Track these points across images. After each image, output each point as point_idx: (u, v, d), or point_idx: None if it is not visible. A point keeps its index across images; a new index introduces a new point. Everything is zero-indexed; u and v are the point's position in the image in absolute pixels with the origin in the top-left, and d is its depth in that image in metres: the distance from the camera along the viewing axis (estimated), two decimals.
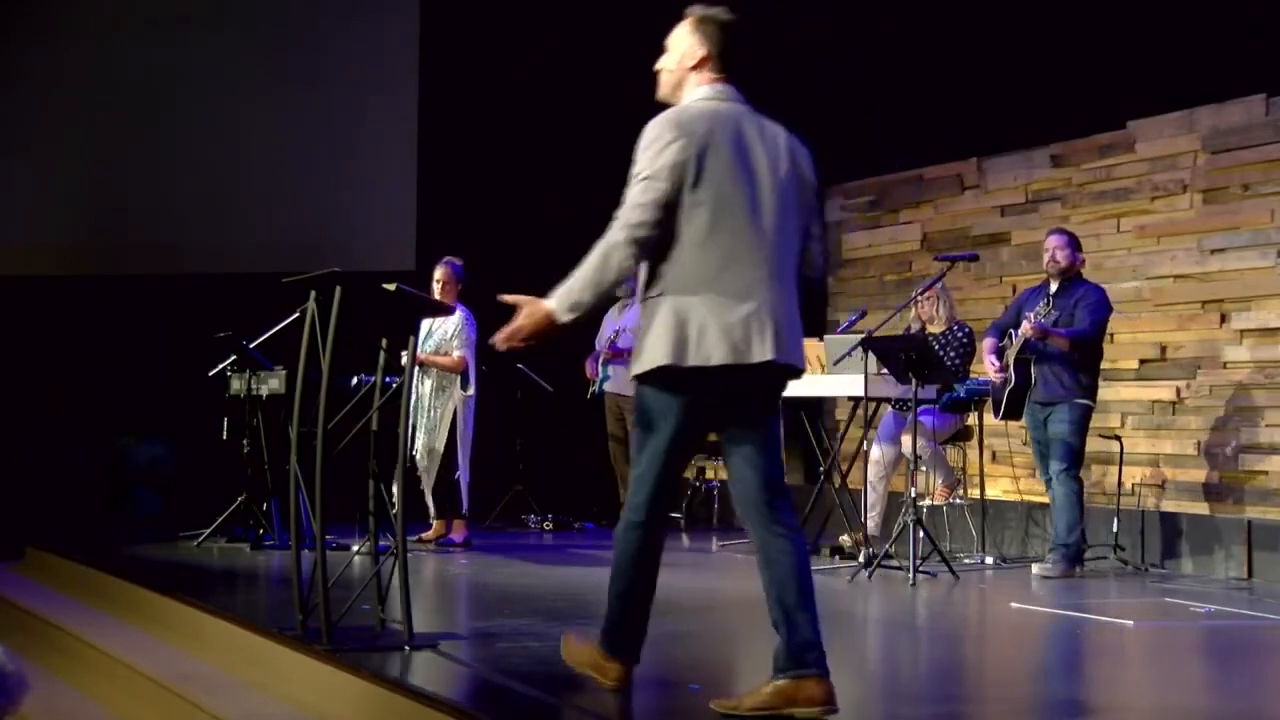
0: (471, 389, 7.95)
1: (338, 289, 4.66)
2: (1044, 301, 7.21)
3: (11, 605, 6.84)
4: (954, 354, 7.74)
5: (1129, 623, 5.63)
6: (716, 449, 10.63)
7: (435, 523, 8.15)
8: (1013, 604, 6.17)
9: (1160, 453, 8.09)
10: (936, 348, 7.45)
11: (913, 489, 6.91)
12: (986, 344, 7.43)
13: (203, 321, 8.28)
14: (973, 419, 7.94)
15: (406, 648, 4.60)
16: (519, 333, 3.73)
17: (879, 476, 7.79)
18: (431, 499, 8.04)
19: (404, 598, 4.67)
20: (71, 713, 5.25)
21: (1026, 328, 7.08)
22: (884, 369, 7.15)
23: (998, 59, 8.57)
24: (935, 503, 7.89)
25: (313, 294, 4.74)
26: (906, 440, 7.40)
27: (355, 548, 6.33)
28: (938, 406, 7.69)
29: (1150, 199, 8.23)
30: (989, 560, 7.62)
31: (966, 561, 7.61)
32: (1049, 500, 7.38)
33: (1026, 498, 8.34)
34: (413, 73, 10.51)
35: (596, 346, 8.91)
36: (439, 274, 7.93)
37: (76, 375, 10.36)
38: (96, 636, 5.72)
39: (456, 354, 7.85)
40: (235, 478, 7.98)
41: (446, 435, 7.90)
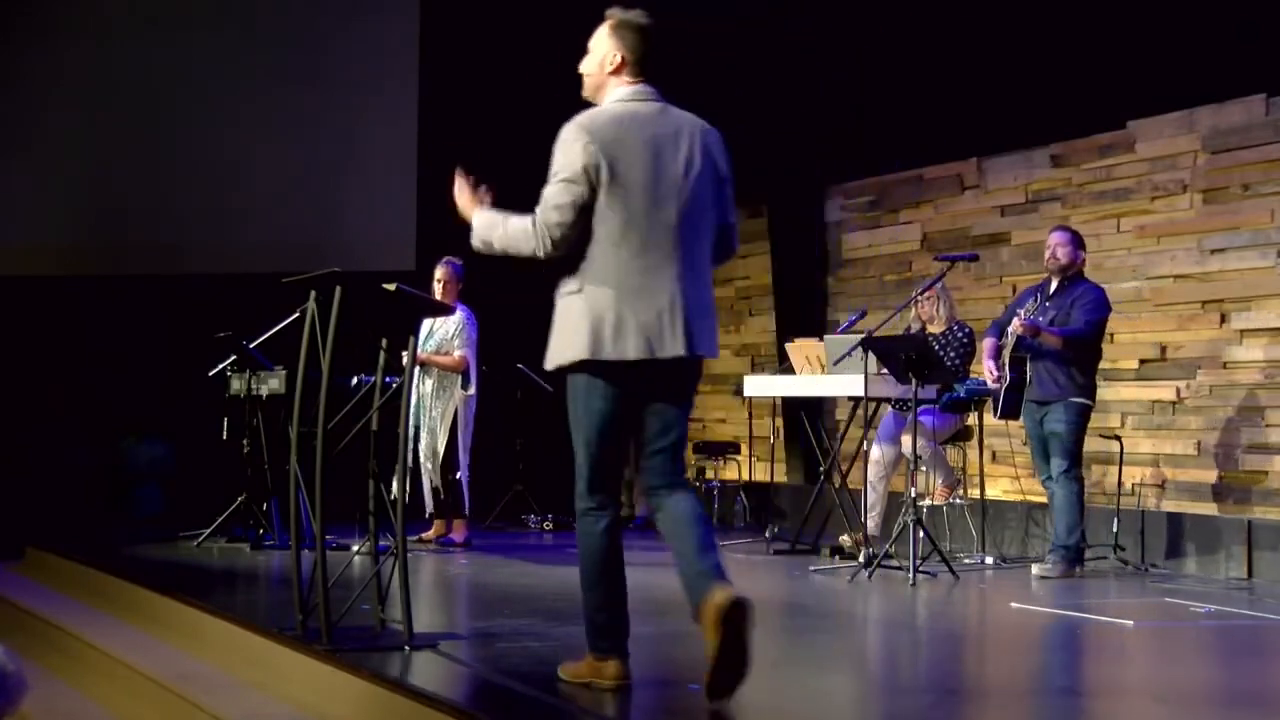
0: (472, 388, 7.95)
1: (338, 289, 4.66)
2: (1034, 299, 7.20)
3: (11, 605, 6.85)
4: (954, 354, 7.74)
5: (1129, 623, 5.63)
6: (716, 449, 10.70)
7: (435, 523, 8.15)
8: (1013, 604, 6.17)
9: (1160, 453, 8.09)
10: (936, 348, 7.45)
11: (913, 489, 6.90)
12: (986, 344, 7.42)
13: (203, 321, 8.28)
14: (973, 419, 7.94)
15: (406, 648, 4.61)
16: (458, 192, 4.28)
17: (879, 476, 7.79)
18: (432, 499, 8.04)
19: (404, 598, 4.67)
20: (71, 713, 5.25)
21: (1016, 325, 7.08)
22: (884, 369, 7.15)
23: (997, 59, 8.56)
24: (935, 503, 7.89)
25: (313, 294, 4.74)
26: (906, 440, 7.40)
27: (355, 548, 6.34)
28: (938, 406, 7.69)
29: (1150, 199, 8.23)
30: (989, 560, 7.62)
31: (966, 561, 7.61)
32: (1047, 500, 7.39)
33: (1026, 498, 8.34)
34: (413, 73, 10.50)
35: None
36: (440, 273, 7.93)
37: (76, 375, 10.36)
38: (96, 636, 5.72)
39: (458, 353, 7.86)
40: (235, 478, 7.98)
41: (448, 435, 7.90)
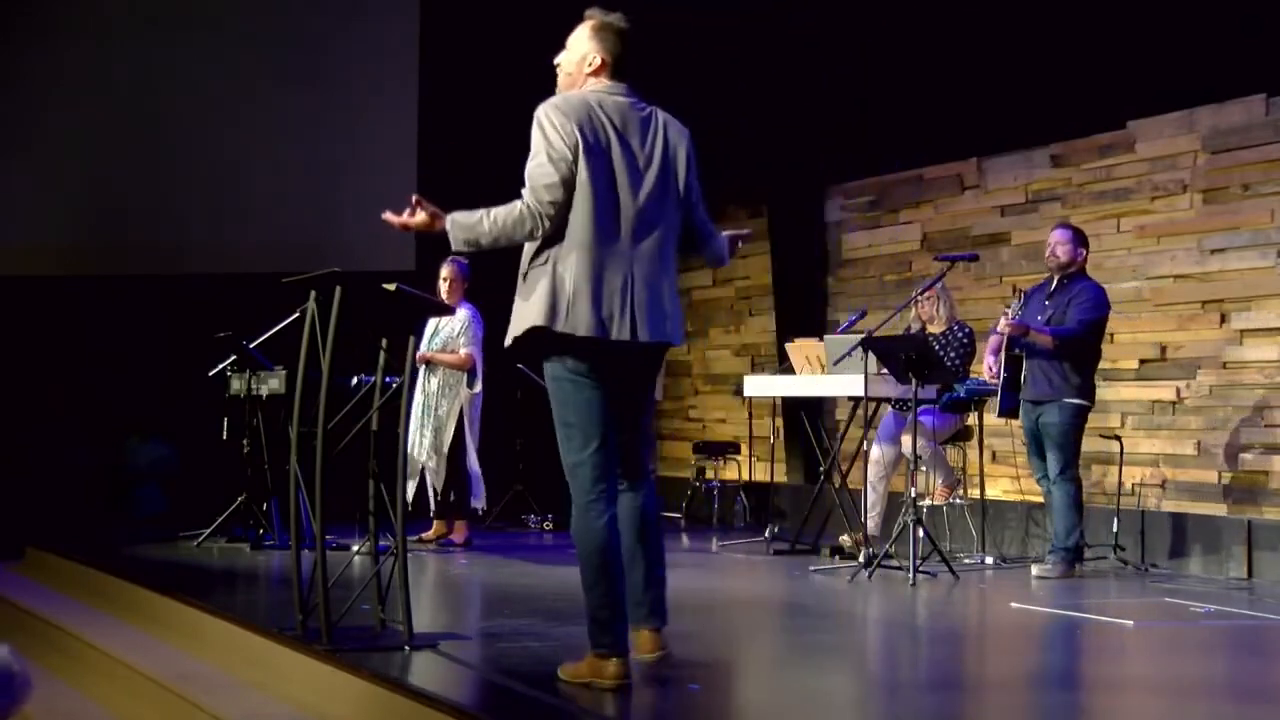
0: (478, 386, 7.93)
1: (338, 289, 4.66)
2: (1017, 301, 7.18)
3: (11, 605, 6.85)
4: (954, 354, 7.74)
5: (1129, 623, 5.63)
6: (716, 449, 10.69)
7: (436, 523, 8.15)
8: (1013, 604, 6.17)
9: (1160, 453, 8.09)
10: (937, 348, 7.45)
11: (913, 489, 6.90)
12: (990, 342, 7.43)
13: (203, 321, 8.28)
14: (973, 419, 7.94)
15: (406, 648, 4.61)
16: (408, 227, 4.23)
17: (879, 476, 7.79)
18: (435, 499, 8.03)
19: (404, 598, 4.67)
20: (71, 713, 5.26)
21: (1004, 324, 7.08)
22: (884, 369, 7.15)
23: (997, 59, 8.56)
24: (935, 503, 7.89)
25: (313, 294, 4.74)
26: (906, 440, 7.40)
27: (355, 548, 6.34)
28: (938, 406, 7.69)
29: (1150, 199, 8.23)
30: (989, 560, 7.62)
31: (966, 561, 7.61)
32: (1044, 500, 7.39)
33: (1026, 498, 8.34)
34: (413, 73, 10.50)
35: None
36: (445, 272, 7.91)
37: (76, 375, 10.36)
38: (96, 636, 5.72)
39: (463, 351, 7.84)
40: (235, 478, 7.98)
41: (453, 434, 7.88)
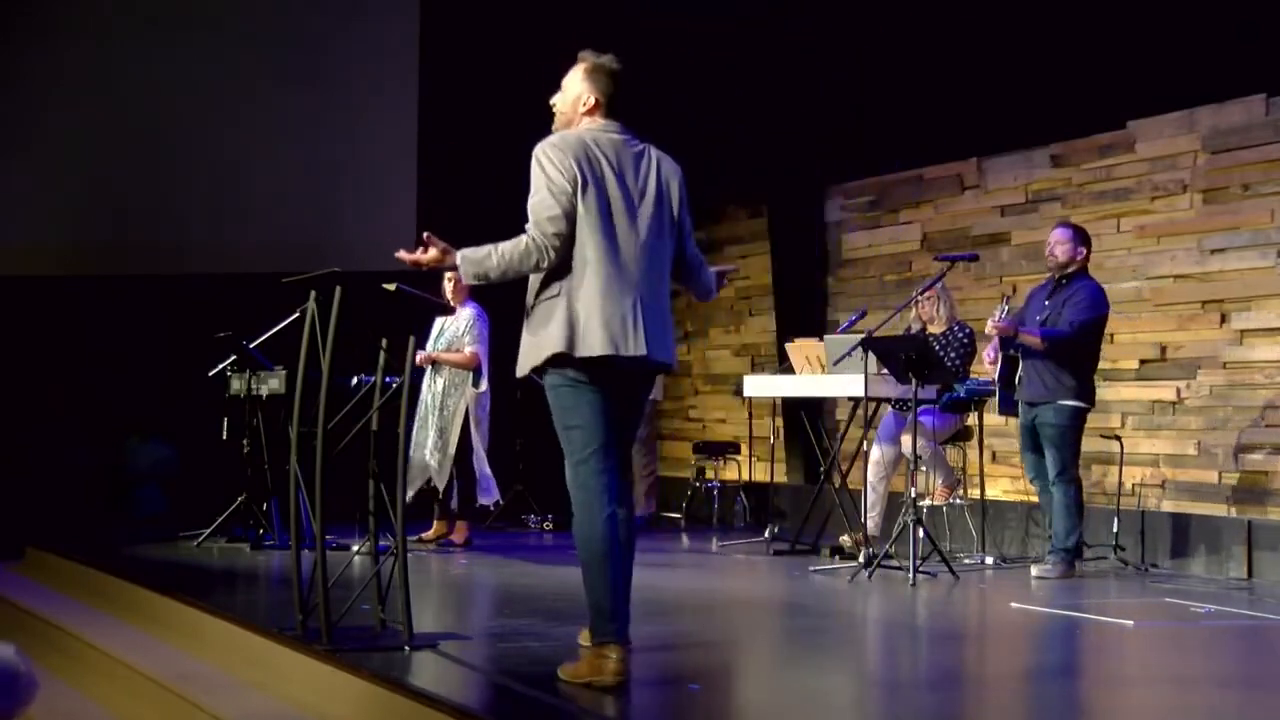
0: (484, 385, 7.91)
1: (338, 289, 4.66)
2: (1002, 307, 7.17)
3: (11, 605, 6.85)
4: (954, 354, 7.74)
5: (1129, 623, 5.63)
6: (716, 449, 10.70)
7: (436, 523, 8.15)
8: (1013, 604, 6.17)
9: (1160, 453, 8.09)
10: (937, 348, 7.46)
11: (913, 489, 6.90)
12: (993, 340, 7.42)
13: (203, 321, 8.27)
14: (973, 419, 7.94)
15: (406, 648, 4.61)
16: (419, 264, 4.32)
17: (879, 476, 7.79)
18: (438, 498, 8.03)
19: (404, 598, 4.67)
20: (71, 713, 5.25)
21: (990, 327, 7.08)
22: (884, 369, 7.15)
23: (997, 59, 8.56)
24: (935, 503, 7.89)
25: (313, 294, 4.74)
26: (906, 440, 7.40)
27: (355, 548, 6.34)
28: (938, 406, 7.69)
29: (1150, 199, 8.23)
30: (989, 560, 7.62)
31: (966, 561, 7.61)
32: (1038, 499, 7.39)
33: (1026, 498, 8.34)
34: (413, 73, 10.50)
35: None
36: (450, 271, 7.89)
37: (76, 375, 10.36)
38: (96, 636, 5.72)
39: (469, 350, 7.83)
40: (235, 478, 7.98)
41: (458, 434, 7.87)
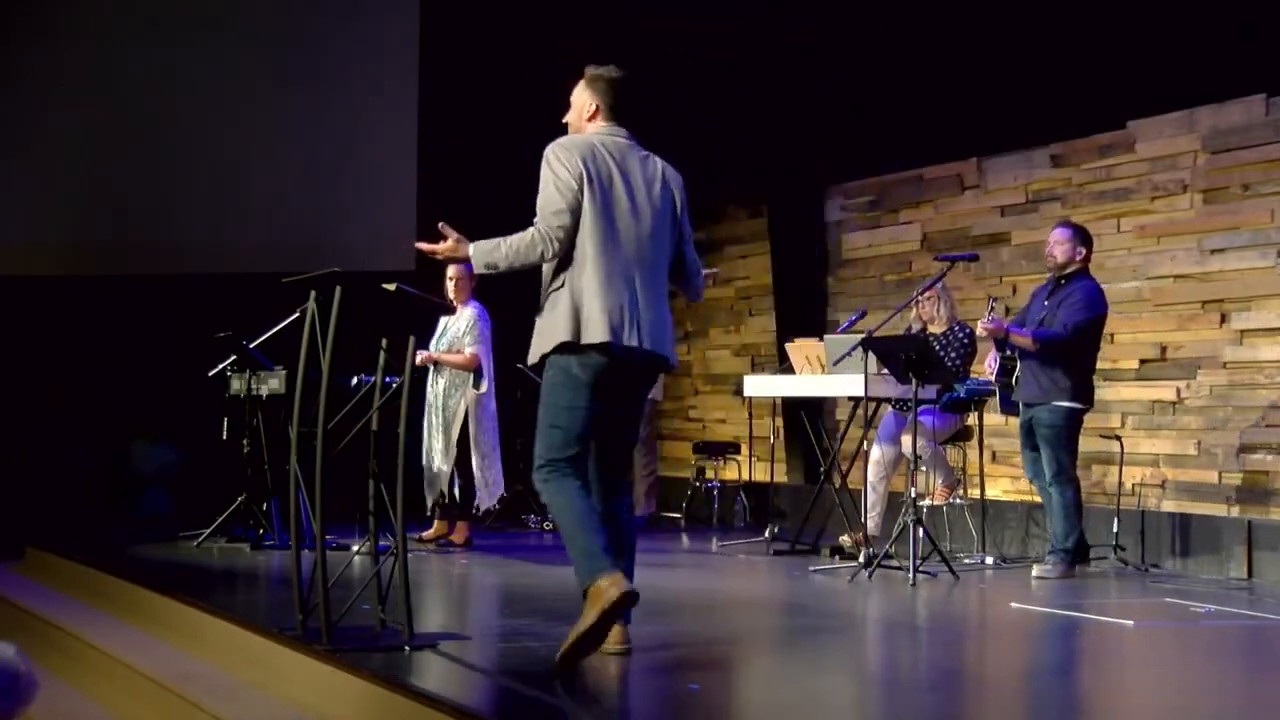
0: (484, 386, 7.89)
1: (338, 289, 4.66)
2: (990, 309, 7.17)
3: (11, 605, 6.85)
4: (954, 354, 7.74)
5: (1129, 623, 5.63)
6: (716, 449, 10.70)
7: (436, 523, 8.14)
8: (1013, 604, 6.17)
9: (1160, 453, 8.09)
10: (937, 348, 7.46)
11: (913, 489, 6.90)
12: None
13: (203, 321, 8.27)
14: (973, 419, 7.94)
15: (406, 648, 4.60)
16: (435, 254, 4.58)
17: (879, 476, 7.80)
18: (441, 498, 8.03)
19: (404, 598, 4.67)
20: (71, 713, 5.25)
21: (981, 328, 7.08)
22: (884, 369, 7.15)
23: (997, 59, 8.56)
24: (935, 503, 7.89)
25: (313, 294, 4.74)
26: (906, 440, 7.40)
27: (355, 548, 6.33)
28: (938, 406, 7.69)
29: (1150, 199, 8.24)
30: (989, 560, 7.62)
31: (966, 561, 7.61)
32: (1040, 499, 7.39)
33: (1026, 498, 8.34)
34: (413, 73, 10.50)
35: None
36: (452, 271, 7.89)
37: (76, 375, 10.36)
38: (96, 636, 5.72)
39: (469, 351, 7.83)
40: (235, 478, 7.98)
41: (458, 435, 7.87)
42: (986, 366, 7.43)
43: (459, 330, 7.89)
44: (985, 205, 9.25)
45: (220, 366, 8.10)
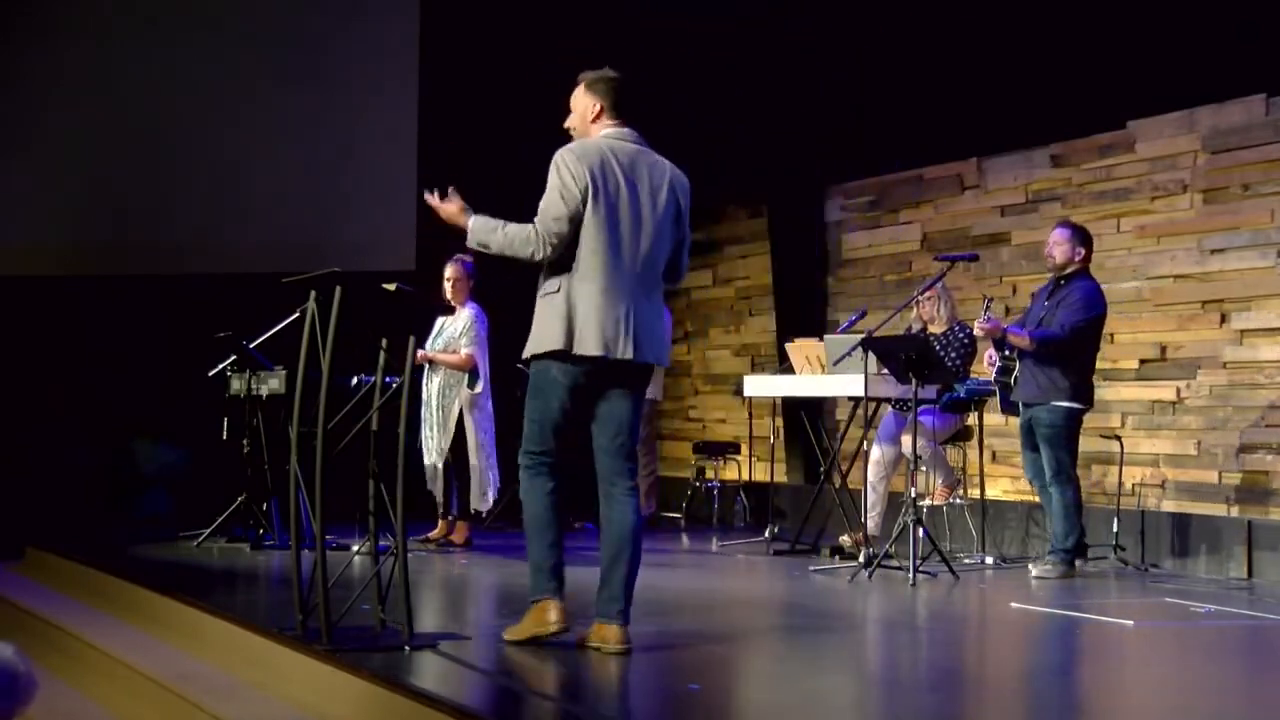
0: (480, 386, 7.90)
1: (338, 289, 4.66)
2: (986, 308, 7.16)
3: (11, 605, 6.85)
4: (955, 354, 7.74)
5: (1129, 623, 5.63)
6: (716, 449, 10.70)
7: (440, 523, 8.15)
8: (1013, 604, 6.17)
9: (1160, 453, 8.09)
10: (937, 348, 7.46)
11: (913, 489, 6.90)
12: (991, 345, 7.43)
13: (203, 321, 8.28)
14: (973, 419, 7.94)
15: (406, 648, 4.60)
16: (437, 214, 4.70)
17: (879, 476, 7.79)
18: (440, 498, 8.03)
19: (404, 598, 4.67)
20: (71, 713, 5.25)
21: (978, 328, 7.07)
22: (884, 369, 7.15)
23: (997, 59, 8.56)
24: (935, 503, 7.89)
25: (313, 294, 4.74)
26: (906, 440, 7.40)
27: (355, 548, 6.33)
28: (938, 406, 7.69)
29: (1150, 199, 8.24)
30: (989, 560, 7.63)
31: (966, 561, 7.61)
32: (1039, 498, 7.39)
33: (1026, 498, 8.34)
34: (413, 73, 10.50)
35: None
36: (450, 272, 7.89)
37: (76, 375, 10.35)
38: (96, 636, 5.72)
39: (464, 351, 7.83)
40: (235, 478, 7.98)
41: (453, 435, 7.87)
42: (986, 363, 7.44)
43: (455, 330, 7.89)
44: (985, 205, 9.25)
45: (220, 366, 8.09)
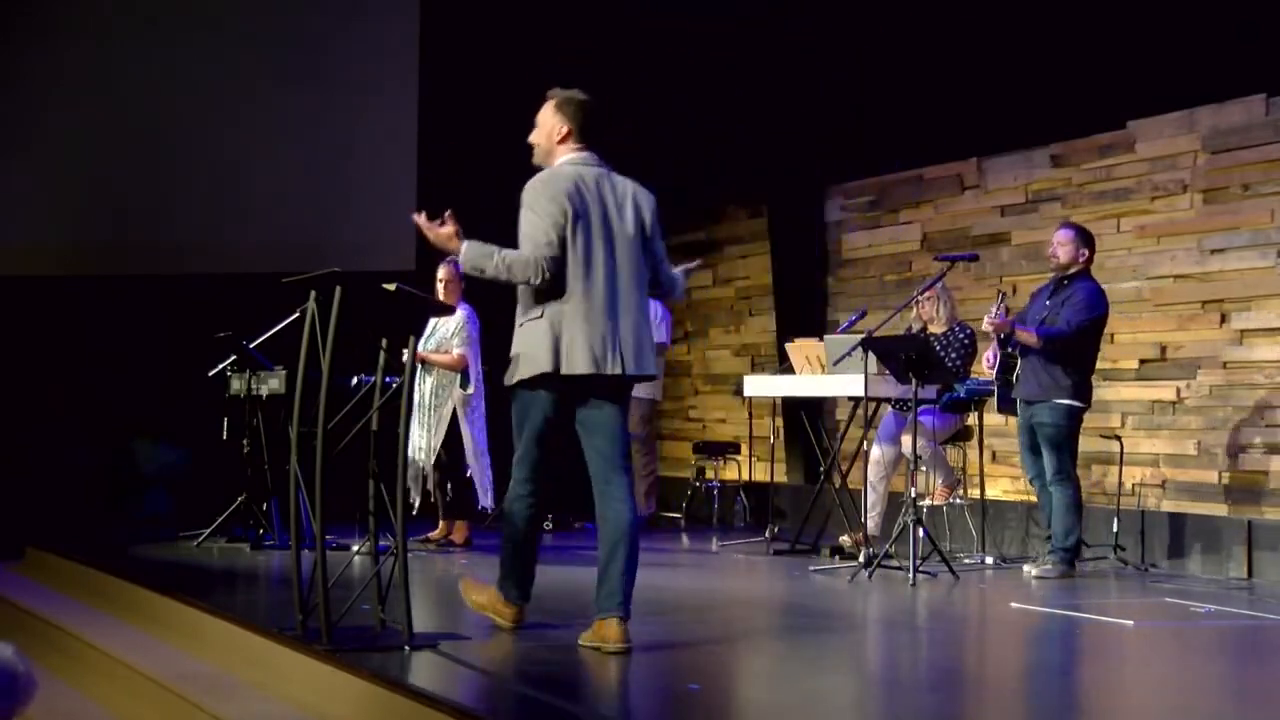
0: (472, 387, 7.91)
1: (338, 289, 4.66)
2: (999, 303, 7.17)
3: (11, 605, 6.85)
4: (955, 354, 7.74)
5: (1129, 623, 5.64)
6: (716, 449, 10.69)
7: (442, 523, 8.14)
8: (1013, 604, 6.17)
9: (1160, 453, 8.09)
10: (938, 348, 7.46)
11: (913, 489, 6.90)
12: (992, 344, 7.42)
13: (203, 321, 8.28)
14: (973, 419, 7.94)
15: (406, 648, 4.61)
16: (429, 233, 4.82)
17: (879, 476, 7.79)
18: (431, 499, 8.03)
19: (404, 598, 4.67)
20: (71, 713, 5.25)
21: (987, 323, 7.08)
22: (884, 369, 7.15)
23: (997, 59, 8.56)
24: (935, 503, 7.89)
25: (313, 294, 4.74)
26: (906, 440, 7.40)
27: (355, 548, 6.33)
28: (938, 406, 7.69)
29: (1150, 199, 8.24)
30: (989, 560, 7.63)
31: (966, 561, 7.61)
32: (1037, 498, 7.39)
33: (1026, 498, 8.34)
34: (413, 73, 10.50)
35: None
36: (442, 273, 7.90)
37: (76, 375, 10.35)
38: (96, 636, 5.72)
39: (456, 352, 7.83)
40: (235, 478, 7.98)
41: (444, 435, 7.88)
42: (985, 363, 7.43)
43: (448, 331, 7.90)
44: (985, 205, 9.25)
45: (220, 366, 8.09)
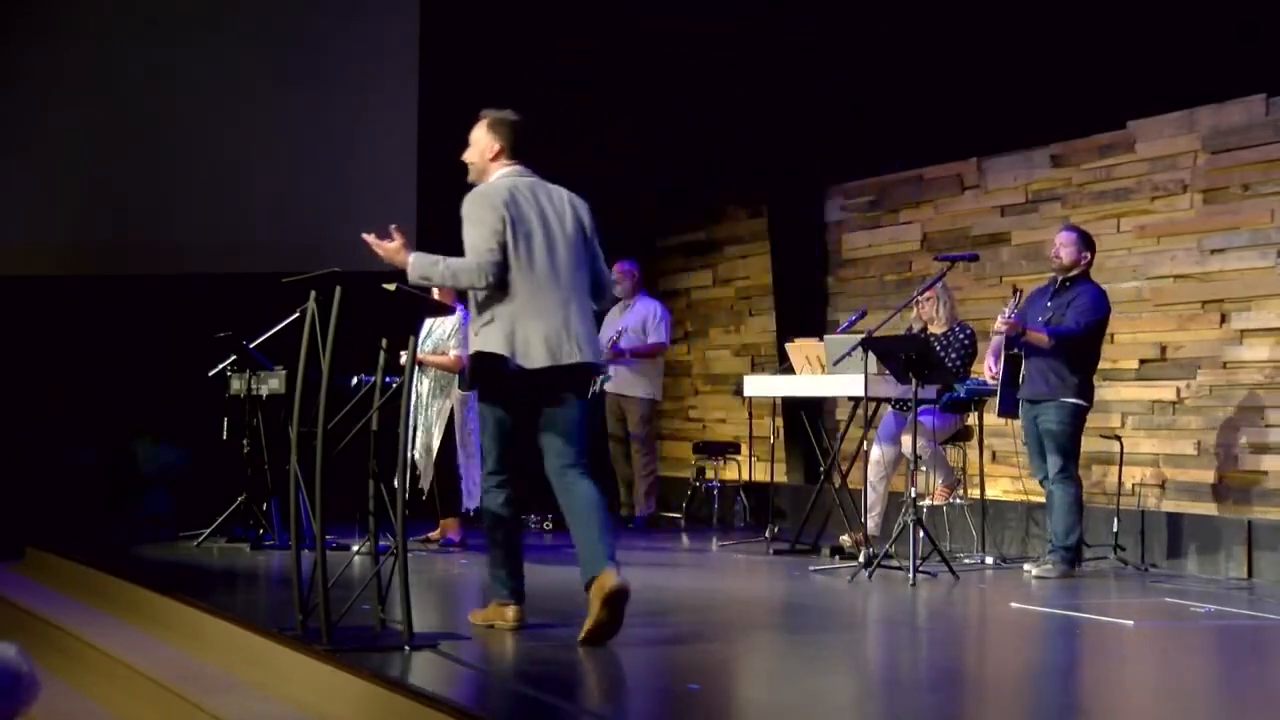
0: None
1: (338, 289, 4.66)
2: (1013, 302, 7.17)
3: (11, 605, 6.85)
4: (955, 354, 7.74)
5: (1129, 623, 5.64)
6: (716, 449, 10.69)
7: (441, 523, 8.14)
8: (1013, 604, 6.17)
9: (1160, 453, 8.09)
10: (938, 348, 7.46)
11: (913, 489, 6.90)
12: (992, 344, 7.42)
13: (203, 321, 8.27)
14: (973, 419, 7.94)
15: (406, 648, 4.61)
16: (375, 252, 5.00)
17: (879, 476, 7.79)
18: (436, 498, 8.03)
19: (404, 598, 4.67)
20: (71, 713, 5.26)
21: (1000, 324, 7.08)
22: (884, 369, 7.15)
23: (997, 59, 8.56)
24: (935, 503, 7.89)
25: (313, 294, 4.74)
26: (906, 440, 7.40)
27: (355, 548, 6.33)
28: (938, 406, 7.69)
29: (1150, 199, 8.23)
30: (989, 560, 7.63)
31: (966, 561, 7.61)
32: (1045, 500, 7.39)
33: (1026, 498, 8.33)
34: (413, 73, 10.50)
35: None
36: None
37: (76, 375, 10.35)
38: (96, 636, 5.72)
39: (453, 353, 7.83)
40: (235, 478, 7.98)
41: (442, 435, 7.88)
42: (987, 370, 7.43)
43: (444, 332, 7.90)
44: (985, 205, 9.25)
45: (220, 366, 8.09)
